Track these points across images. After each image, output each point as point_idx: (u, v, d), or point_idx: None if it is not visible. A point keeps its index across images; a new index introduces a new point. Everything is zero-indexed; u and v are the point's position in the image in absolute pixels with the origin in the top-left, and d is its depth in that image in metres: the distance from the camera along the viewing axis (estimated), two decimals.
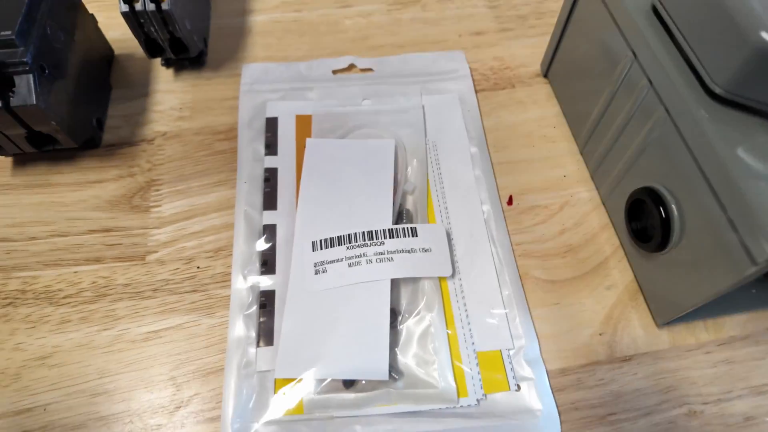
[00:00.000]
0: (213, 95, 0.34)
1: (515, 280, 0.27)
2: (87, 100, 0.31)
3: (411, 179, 0.30)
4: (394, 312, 0.25)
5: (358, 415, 0.23)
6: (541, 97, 0.34)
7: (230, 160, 0.31)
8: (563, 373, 0.25)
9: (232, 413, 0.23)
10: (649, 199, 0.24)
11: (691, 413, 0.24)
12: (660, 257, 0.25)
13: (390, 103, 0.32)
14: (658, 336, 0.26)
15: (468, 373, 0.24)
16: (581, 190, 0.30)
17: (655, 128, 0.24)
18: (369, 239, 0.26)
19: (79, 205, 0.30)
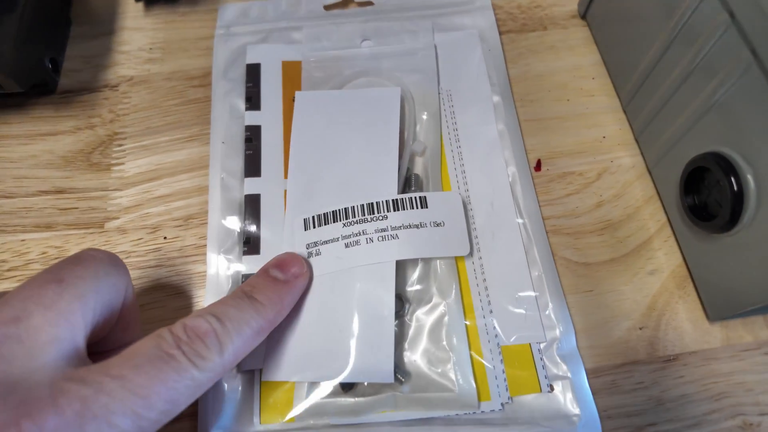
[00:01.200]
0: (187, 34, 0.29)
1: (547, 258, 0.23)
2: (39, 37, 0.26)
3: (420, 137, 0.25)
4: (400, 300, 0.21)
5: (358, 423, 0.19)
6: (578, 43, 0.28)
7: (205, 111, 0.26)
8: (595, 373, 0.21)
9: (210, 422, 0.19)
10: (716, 167, 0.19)
11: (746, 425, 0.20)
12: (721, 239, 0.20)
13: (395, 44, 0.27)
14: (708, 332, 0.22)
15: (491, 372, 0.20)
16: (623, 155, 0.25)
17: (729, 78, 0.19)
18: (369, 213, 0.22)
19: (29, 161, 0.25)
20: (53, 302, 0.14)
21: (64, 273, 0.15)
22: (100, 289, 0.15)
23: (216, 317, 0.16)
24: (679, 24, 0.21)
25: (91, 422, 0.13)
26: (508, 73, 0.27)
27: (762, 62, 0.17)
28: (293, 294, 0.19)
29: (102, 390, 0.13)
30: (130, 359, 0.14)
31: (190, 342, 0.15)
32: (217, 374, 0.15)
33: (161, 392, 0.14)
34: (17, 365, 0.13)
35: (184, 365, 0.14)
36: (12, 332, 0.13)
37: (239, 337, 0.16)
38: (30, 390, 0.13)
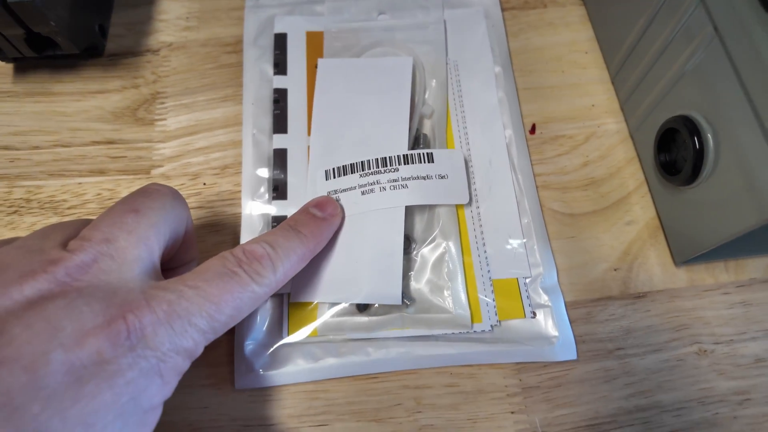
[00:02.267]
0: (220, 5, 0.32)
1: (536, 208, 0.26)
2: (90, 4, 0.29)
3: (429, 102, 0.28)
4: (408, 239, 0.25)
5: (370, 338, 0.23)
6: (575, 20, 0.31)
7: (237, 74, 0.29)
8: (574, 305, 0.24)
9: (245, 335, 0.23)
10: (683, 128, 0.22)
11: (701, 352, 0.24)
12: (686, 192, 0.23)
13: (408, 18, 0.30)
14: (675, 274, 0.25)
15: (483, 300, 0.24)
16: (609, 121, 0.28)
17: (698, 50, 0.22)
18: (383, 166, 0.25)
19: (82, 115, 0.29)
20: (134, 228, 0.17)
21: (138, 204, 0.17)
22: (168, 217, 0.18)
23: (269, 244, 0.19)
24: (660, 3, 0.24)
25: (176, 320, 0.15)
26: (509, 47, 0.30)
27: (722, 37, 0.20)
28: (330, 229, 0.22)
29: (183, 296, 0.16)
30: (202, 274, 0.17)
31: (249, 262, 0.18)
32: (271, 289, 0.18)
33: (228, 300, 0.16)
34: (114, 276, 0.16)
35: (245, 280, 0.17)
36: (105, 250, 0.16)
37: (288, 260, 0.19)
38: (127, 294, 0.15)
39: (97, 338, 0.14)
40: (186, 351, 0.16)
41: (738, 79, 0.19)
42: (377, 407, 0.22)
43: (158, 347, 0.15)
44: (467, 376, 0.23)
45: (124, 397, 0.14)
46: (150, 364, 0.15)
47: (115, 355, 0.14)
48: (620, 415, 0.22)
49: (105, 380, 0.14)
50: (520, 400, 0.23)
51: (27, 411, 0.13)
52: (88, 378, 0.14)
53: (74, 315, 0.14)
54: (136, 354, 0.14)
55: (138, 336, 0.14)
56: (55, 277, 0.15)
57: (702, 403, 0.23)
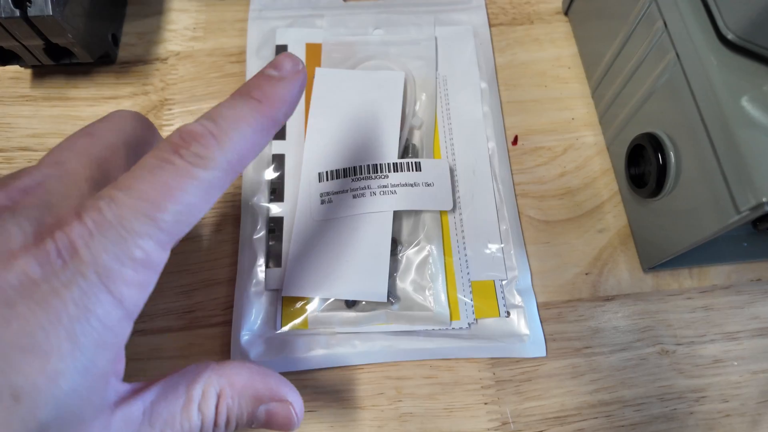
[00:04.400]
0: (225, 16, 0.34)
1: (514, 216, 0.28)
2: (103, 15, 0.31)
3: (419, 114, 0.30)
4: (395, 241, 0.27)
5: (357, 332, 0.25)
6: (559, 36, 0.33)
7: (241, 83, 0.31)
8: (545, 306, 0.26)
9: (241, 326, 0.25)
10: (649, 145, 0.24)
11: (663, 352, 0.26)
12: (653, 203, 0.25)
13: (402, 34, 0.32)
14: (642, 280, 0.27)
15: (461, 300, 0.26)
16: (587, 134, 0.30)
17: (664, 73, 0.23)
18: (374, 172, 0.27)
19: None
20: (85, 150, 0.16)
21: (93, 128, 0.17)
22: (128, 138, 0.17)
23: (209, 119, 0.15)
24: (635, 21, 0.25)
25: (109, 229, 0.13)
26: (496, 62, 0.32)
27: (681, 63, 0.22)
28: (291, 89, 0.17)
29: (113, 200, 0.14)
30: (133, 172, 0.14)
31: (186, 145, 0.15)
32: (224, 171, 0.15)
33: (167, 195, 0.14)
34: (57, 196, 0.15)
35: (183, 167, 0.14)
36: (52, 172, 0.15)
37: (237, 132, 0.15)
38: (62, 211, 0.14)
39: (25, 259, 0.13)
40: (135, 261, 0.14)
41: (695, 103, 0.21)
42: (361, 396, 0.24)
43: (95, 261, 0.13)
44: (445, 368, 0.25)
45: (64, 318, 0.13)
46: (90, 281, 0.13)
47: (46, 275, 0.13)
48: (585, 408, 0.24)
49: (37, 302, 0.13)
50: (493, 392, 0.25)
51: None
52: (17, 300, 0.13)
53: (2, 237, 0.13)
54: (69, 271, 0.13)
55: (69, 252, 0.13)
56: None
57: (661, 399, 0.25)
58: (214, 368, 0.17)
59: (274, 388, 0.17)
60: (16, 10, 0.26)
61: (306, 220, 0.27)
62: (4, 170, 0.29)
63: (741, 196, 0.19)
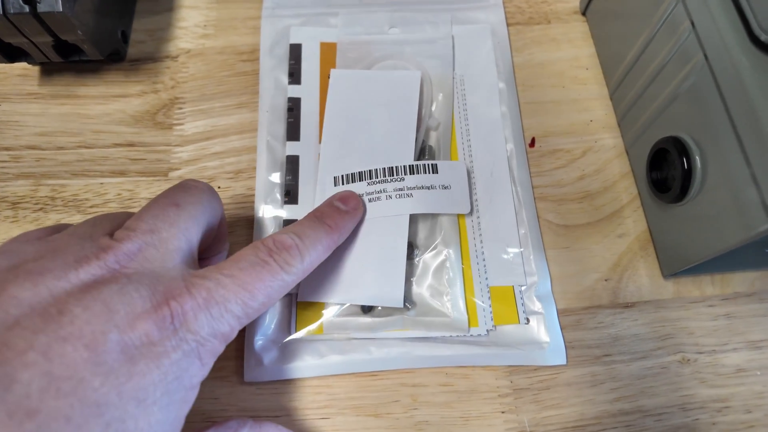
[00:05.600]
0: (237, 14, 0.33)
1: (533, 220, 0.27)
2: (112, 11, 0.31)
3: (435, 115, 0.30)
4: (411, 246, 0.26)
5: (373, 338, 0.25)
6: (577, 36, 0.32)
7: (252, 82, 0.31)
8: (565, 313, 0.26)
9: (256, 331, 0.24)
10: (673, 149, 0.23)
11: (684, 361, 0.25)
12: (676, 209, 0.25)
13: (418, 32, 0.31)
14: (663, 286, 0.26)
15: (480, 306, 0.25)
16: (606, 137, 0.30)
17: (690, 75, 0.23)
18: (390, 175, 0.27)
19: (104, 118, 0.30)
20: (175, 221, 0.18)
21: (179, 198, 0.19)
22: (204, 211, 0.19)
23: (297, 235, 0.20)
24: (659, 22, 0.25)
25: (214, 306, 0.16)
26: (513, 62, 0.31)
27: (711, 65, 0.21)
28: (352, 222, 0.24)
29: (220, 284, 0.17)
30: (237, 263, 0.18)
31: (279, 252, 0.19)
32: (299, 277, 0.19)
33: (261, 288, 0.18)
34: (157, 265, 0.17)
35: (275, 269, 0.18)
36: (149, 240, 0.17)
37: (314, 250, 0.20)
38: (170, 282, 0.16)
39: (146, 322, 0.15)
40: (222, 335, 0.17)
41: (724, 106, 0.21)
42: (376, 403, 0.24)
43: (198, 331, 0.16)
44: (462, 376, 0.24)
45: (169, 376, 0.15)
46: (191, 346, 0.16)
47: (161, 338, 0.15)
48: (605, 417, 0.24)
49: (153, 360, 0.15)
50: (510, 401, 0.24)
51: (89, 384, 0.14)
52: (138, 358, 0.15)
53: (126, 299, 0.15)
54: (178, 337, 0.16)
55: (180, 321, 0.16)
56: (106, 263, 0.16)
57: (683, 409, 0.24)
58: (252, 427, 0.19)
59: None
60: (26, 6, 0.25)
61: None
62: (12, 168, 0.28)
63: None
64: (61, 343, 0.14)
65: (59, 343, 0.14)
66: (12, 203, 0.28)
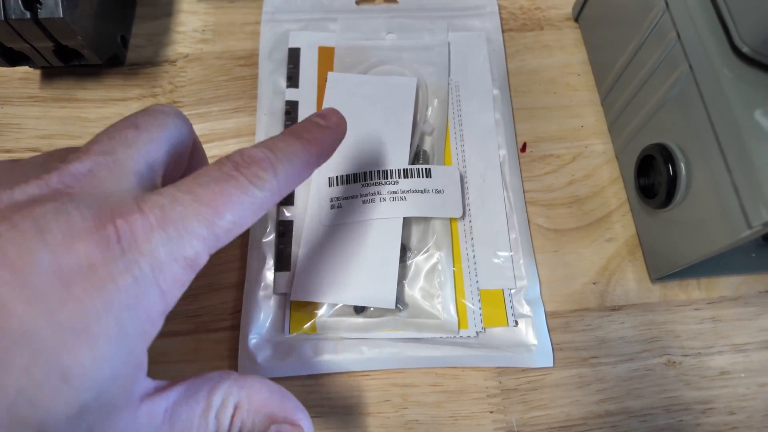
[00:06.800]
0: (235, 19, 0.33)
1: (524, 225, 0.28)
2: (112, 17, 0.31)
3: (430, 120, 0.30)
4: (404, 248, 0.27)
5: (365, 338, 0.25)
6: (569, 43, 0.33)
7: (250, 87, 0.31)
8: (553, 315, 0.26)
9: (250, 330, 0.25)
10: (659, 156, 0.24)
11: (669, 363, 0.26)
12: (662, 214, 0.25)
13: (414, 39, 0.32)
14: (650, 290, 0.27)
15: (470, 308, 0.26)
16: (596, 143, 0.30)
17: (676, 84, 0.23)
18: (384, 178, 0.27)
19: (104, 121, 0.31)
20: (133, 142, 0.16)
21: (139, 121, 0.17)
22: (169, 135, 0.17)
23: (268, 148, 0.17)
24: (648, 31, 0.25)
25: (170, 225, 0.14)
26: (507, 68, 0.32)
27: (694, 74, 0.22)
28: (334, 138, 0.20)
29: (176, 200, 0.15)
30: (197, 178, 0.15)
31: (247, 165, 0.16)
32: (273, 194, 0.17)
33: (227, 204, 0.15)
34: (107, 186, 0.15)
35: (243, 183, 0.16)
36: (101, 161, 0.15)
37: (289, 164, 0.17)
38: (119, 201, 0.14)
39: (86, 242, 0.13)
40: (185, 259, 0.14)
41: (707, 115, 0.21)
42: (367, 402, 0.24)
43: (152, 253, 0.14)
44: (451, 377, 0.25)
45: (116, 304, 0.13)
46: (144, 271, 0.14)
47: (105, 260, 0.13)
48: (591, 418, 0.24)
49: (94, 285, 0.13)
50: (498, 401, 0.25)
51: (11, 309, 0.12)
52: (75, 282, 0.13)
53: (62, 218, 0.13)
54: (127, 260, 0.13)
55: (129, 241, 0.14)
56: (47, 183, 0.14)
57: (667, 410, 0.25)
58: (236, 379, 0.17)
59: (289, 411, 0.18)
60: (27, 12, 0.26)
61: (315, 224, 0.27)
62: None
63: (753, 210, 0.19)
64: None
65: None
66: None
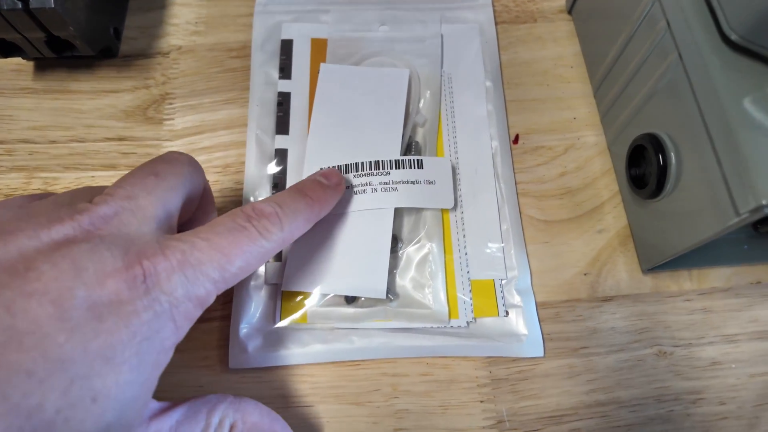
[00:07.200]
0: (228, 11, 0.33)
1: (515, 216, 0.28)
2: (105, 8, 0.31)
3: (423, 112, 0.30)
4: (395, 239, 0.27)
5: (356, 328, 0.25)
6: (562, 35, 0.33)
7: (241, 79, 0.31)
8: (544, 306, 0.26)
9: (241, 319, 0.25)
10: (650, 146, 0.24)
11: (660, 353, 0.26)
12: (653, 204, 0.25)
13: (407, 31, 0.32)
14: (641, 281, 0.27)
15: (461, 298, 0.26)
16: (588, 134, 0.30)
17: (666, 73, 0.23)
18: (375, 169, 0.27)
19: (96, 113, 0.31)
20: (153, 189, 0.18)
21: (158, 168, 0.19)
22: (185, 182, 0.19)
23: (277, 203, 0.20)
24: (639, 21, 0.25)
25: (189, 268, 0.16)
26: (500, 60, 0.32)
27: (684, 64, 0.22)
28: (334, 197, 0.23)
29: (195, 247, 0.17)
30: (214, 228, 0.18)
31: (258, 219, 0.18)
32: (278, 245, 0.19)
33: (238, 253, 0.17)
34: (132, 229, 0.17)
35: (254, 235, 0.18)
36: (126, 205, 0.17)
37: (294, 220, 0.20)
38: (144, 244, 0.16)
39: (116, 280, 0.15)
40: (198, 298, 0.16)
41: (696, 104, 0.21)
42: (357, 392, 0.24)
43: (171, 292, 0.16)
44: (442, 366, 0.25)
45: (138, 336, 0.15)
46: (163, 308, 0.16)
47: (132, 297, 0.15)
48: (581, 408, 0.24)
49: (122, 319, 0.15)
50: (488, 391, 0.25)
51: (54, 339, 0.14)
52: (107, 316, 0.15)
53: (96, 258, 0.15)
54: (150, 297, 0.15)
55: (153, 281, 0.15)
56: (80, 224, 0.16)
57: (658, 400, 0.25)
58: (232, 402, 0.19)
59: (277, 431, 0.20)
60: (18, 2, 0.26)
61: None
62: (5, 161, 0.29)
63: (741, 198, 0.19)
64: (25, 298, 0.14)
65: (24, 298, 0.14)
66: (5, 195, 0.28)
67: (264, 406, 0.20)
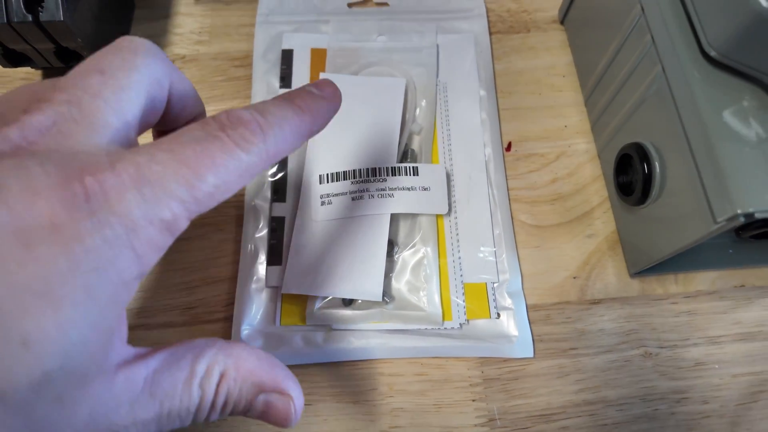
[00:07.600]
0: (230, 21, 0.34)
1: (507, 220, 0.29)
2: (111, 19, 0.32)
3: (418, 120, 0.31)
4: (391, 243, 0.28)
5: (353, 329, 0.26)
6: (555, 45, 0.34)
7: (244, 87, 0.32)
8: (534, 308, 0.27)
9: (242, 321, 0.26)
10: (636, 155, 0.25)
11: (646, 354, 0.27)
12: (640, 211, 0.26)
13: (404, 41, 0.33)
14: (629, 284, 0.28)
15: (454, 301, 0.27)
16: (580, 142, 0.31)
17: (652, 85, 0.24)
18: (373, 176, 0.28)
19: None
20: (99, 91, 0.14)
21: (104, 64, 0.15)
22: (141, 79, 0.15)
23: (257, 110, 0.15)
24: (627, 33, 0.26)
25: (146, 185, 0.13)
26: (494, 69, 0.33)
27: (667, 77, 0.23)
28: (328, 109, 0.19)
29: (154, 159, 0.13)
30: (178, 137, 0.14)
31: (234, 127, 0.15)
32: (261, 160, 0.15)
33: (209, 166, 0.14)
34: (75, 140, 0.13)
35: (229, 145, 0.14)
36: (66, 113, 0.14)
37: (280, 129, 0.16)
38: (89, 157, 0.13)
39: (49, 200, 0.12)
40: (163, 222, 0.13)
41: (678, 115, 0.22)
42: (355, 391, 0.25)
43: (125, 214, 0.13)
44: (436, 366, 0.26)
45: (83, 266, 0.12)
46: (116, 233, 0.13)
47: (71, 220, 0.12)
48: (569, 407, 0.25)
49: (58, 245, 0.12)
50: (481, 390, 0.26)
51: None
52: (37, 243, 0.12)
53: (23, 174, 0.12)
54: (96, 220, 0.12)
55: (99, 200, 0.12)
56: (8, 137, 0.13)
57: (644, 399, 0.26)
58: (222, 347, 0.16)
59: (279, 379, 0.17)
60: (29, 15, 0.27)
61: (306, 220, 0.28)
62: None
63: (718, 206, 0.20)
64: None
65: None
66: None
67: (261, 351, 0.17)
